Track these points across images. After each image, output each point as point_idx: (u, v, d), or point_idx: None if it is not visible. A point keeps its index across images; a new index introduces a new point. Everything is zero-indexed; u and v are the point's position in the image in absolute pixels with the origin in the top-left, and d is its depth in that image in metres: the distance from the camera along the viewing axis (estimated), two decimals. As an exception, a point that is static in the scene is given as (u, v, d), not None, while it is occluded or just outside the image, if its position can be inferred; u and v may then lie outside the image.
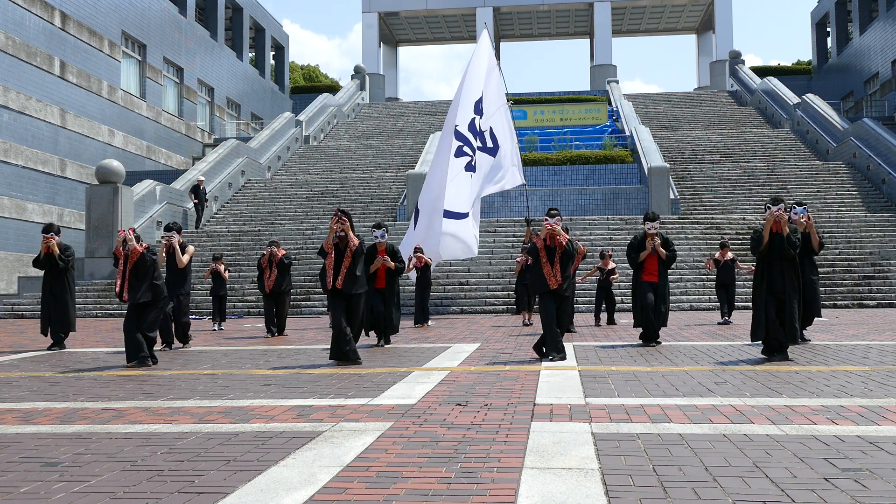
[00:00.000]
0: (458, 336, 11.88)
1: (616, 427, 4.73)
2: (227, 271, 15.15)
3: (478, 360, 8.44)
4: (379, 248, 10.72)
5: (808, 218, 9.68)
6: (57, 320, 11.10)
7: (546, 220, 8.75)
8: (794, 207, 9.77)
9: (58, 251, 11.24)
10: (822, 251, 10.06)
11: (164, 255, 10.51)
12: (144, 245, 8.97)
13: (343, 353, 8.32)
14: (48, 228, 11.26)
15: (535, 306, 13.73)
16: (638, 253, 10.10)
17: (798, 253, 8.46)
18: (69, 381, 7.46)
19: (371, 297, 10.40)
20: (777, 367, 7.49)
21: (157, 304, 8.87)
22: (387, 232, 10.76)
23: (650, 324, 9.85)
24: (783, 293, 8.16)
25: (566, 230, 12.63)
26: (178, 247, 10.60)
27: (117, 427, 5.04)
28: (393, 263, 10.59)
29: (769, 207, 8.26)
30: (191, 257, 10.89)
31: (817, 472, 3.66)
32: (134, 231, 9.06)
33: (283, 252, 13.38)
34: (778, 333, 8.14)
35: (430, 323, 14.78)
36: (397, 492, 3.44)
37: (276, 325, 12.94)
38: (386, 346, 10.37)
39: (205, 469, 3.90)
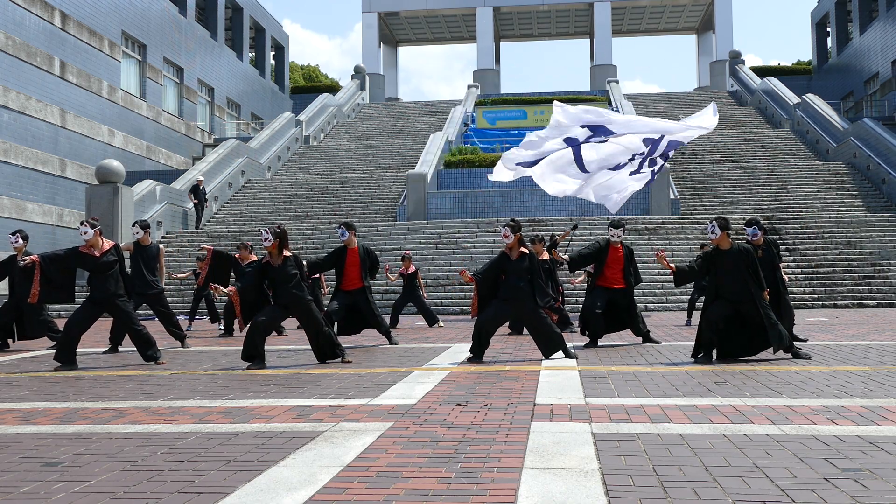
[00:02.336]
0: (458, 336, 11.87)
1: (616, 427, 4.73)
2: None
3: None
4: (348, 247, 10.23)
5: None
6: (37, 326, 10.98)
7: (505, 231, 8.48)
8: (746, 229, 9.67)
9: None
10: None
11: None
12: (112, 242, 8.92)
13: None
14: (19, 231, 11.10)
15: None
16: (597, 260, 10.01)
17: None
18: (69, 381, 7.45)
19: (354, 298, 10.27)
20: (777, 367, 7.49)
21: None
22: (348, 230, 10.14)
23: (600, 327, 9.90)
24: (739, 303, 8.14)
25: (541, 240, 12.55)
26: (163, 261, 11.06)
27: (117, 427, 5.04)
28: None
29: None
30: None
31: (817, 472, 3.66)
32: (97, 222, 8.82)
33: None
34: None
35: (441, 323, 14.48)
36: (397, 492, 3.44)
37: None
38: (387, 347, 10.36)
39: (205, 469, 3.90)
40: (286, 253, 8.40)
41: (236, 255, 13.22)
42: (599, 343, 10.10)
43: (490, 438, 4.45)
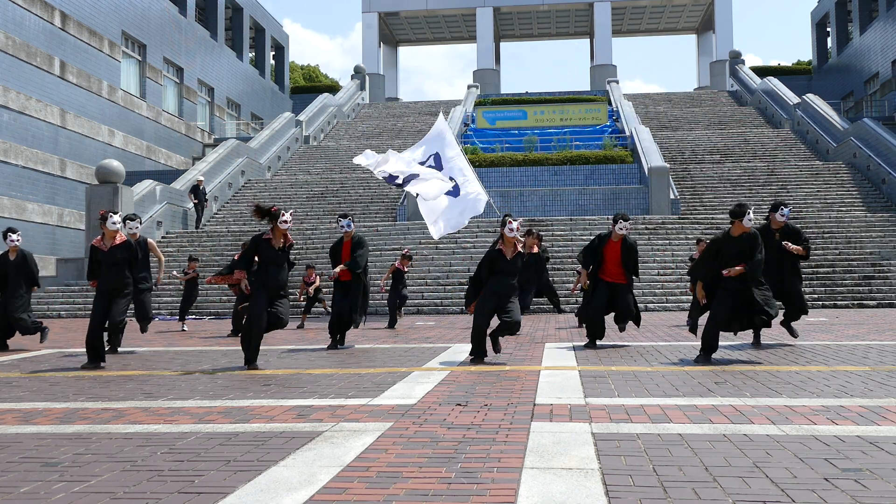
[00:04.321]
0: (458, 336, 11.88)
1: (616, 427, 4.73)
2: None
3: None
4: (345, 240, 10.41)
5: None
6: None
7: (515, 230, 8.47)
8: (781, 209, 9.60)
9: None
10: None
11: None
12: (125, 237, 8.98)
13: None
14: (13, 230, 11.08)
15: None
16: (595, 256, 9.95)
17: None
18: (69, 381, 7.46)
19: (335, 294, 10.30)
20: (777, 367, 7.49)
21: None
22: (353, 221, 10.43)
23: (600, 328, 9.83)
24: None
25: (536, 234, 12.73)
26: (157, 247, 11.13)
27: (117, 427, 5.04)
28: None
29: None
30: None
31: (817, 472, 3.66)
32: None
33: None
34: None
35: (396, 324, 14.25)
36: (397, 492, 3.44)
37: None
38: (387, 347, 10.34)
39: (205, 469, 3.90)
40: (289, 238, 8.40)
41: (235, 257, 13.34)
42: (599, 343, 10.08)
43: (490, 438, 4.45)
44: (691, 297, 14.33)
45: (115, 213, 8.80)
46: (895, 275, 19.85)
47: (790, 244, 9.49)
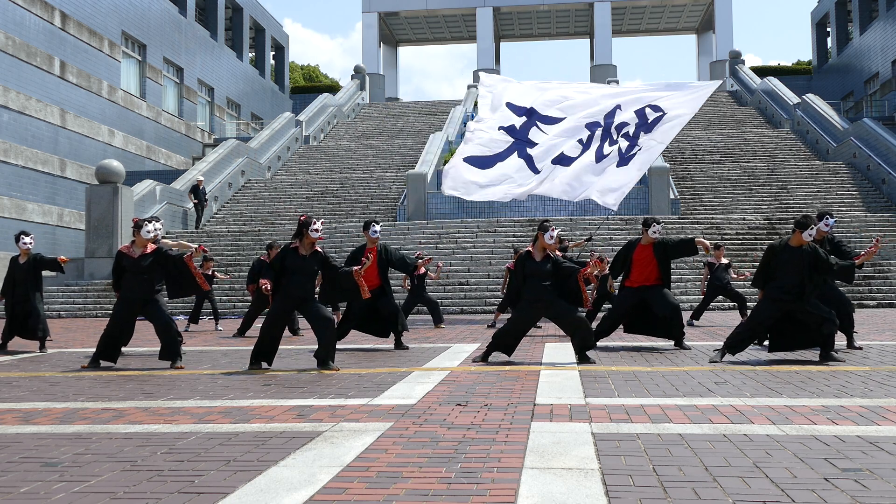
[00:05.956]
0: (458, 336, 11.87)
1: (616, 427, 4.73)
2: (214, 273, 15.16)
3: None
4: (368, 246, 10.10)
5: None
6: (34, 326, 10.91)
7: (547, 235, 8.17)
8: (826, 218, 9.18)
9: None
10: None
11: None
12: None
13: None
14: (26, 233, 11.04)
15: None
16: (623, 265, 9.64)
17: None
18: (69, 381, 7.46)
19: (373, 300, 10.12)
20: (777, 367, 7.49)
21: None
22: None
23: (608, 328, 9.62)
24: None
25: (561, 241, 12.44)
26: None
27: (117, 427, 5.04)
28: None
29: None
30: None
31: (817, 472, 3.66)
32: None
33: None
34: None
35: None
36: (397, 492, 3.44)
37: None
38: (387, 347, 10.33)
39: (205, 469, 3.90)
40: (317, 247, 8.16)
41: (261, 257, 13.44)
42: (599, 343, 10.06)
43: (490, 438, 4.45)
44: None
45: (150, 221, 8.61)
46: (895, 275, 19.86)
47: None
